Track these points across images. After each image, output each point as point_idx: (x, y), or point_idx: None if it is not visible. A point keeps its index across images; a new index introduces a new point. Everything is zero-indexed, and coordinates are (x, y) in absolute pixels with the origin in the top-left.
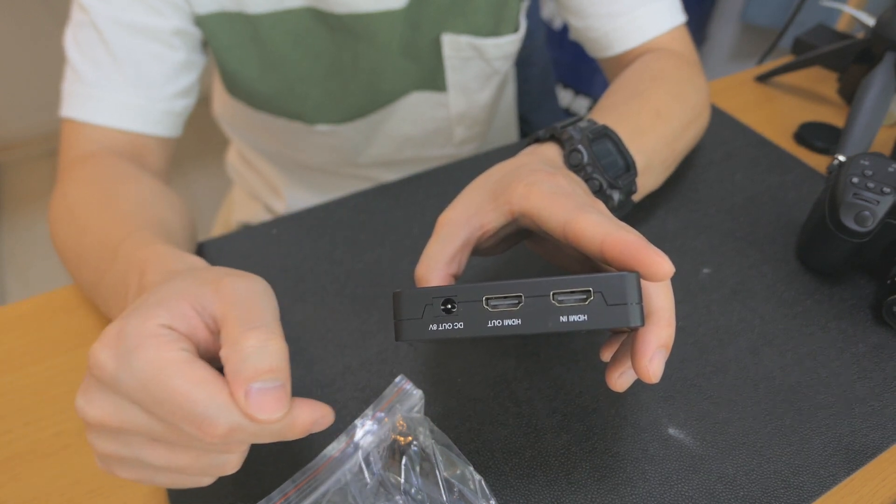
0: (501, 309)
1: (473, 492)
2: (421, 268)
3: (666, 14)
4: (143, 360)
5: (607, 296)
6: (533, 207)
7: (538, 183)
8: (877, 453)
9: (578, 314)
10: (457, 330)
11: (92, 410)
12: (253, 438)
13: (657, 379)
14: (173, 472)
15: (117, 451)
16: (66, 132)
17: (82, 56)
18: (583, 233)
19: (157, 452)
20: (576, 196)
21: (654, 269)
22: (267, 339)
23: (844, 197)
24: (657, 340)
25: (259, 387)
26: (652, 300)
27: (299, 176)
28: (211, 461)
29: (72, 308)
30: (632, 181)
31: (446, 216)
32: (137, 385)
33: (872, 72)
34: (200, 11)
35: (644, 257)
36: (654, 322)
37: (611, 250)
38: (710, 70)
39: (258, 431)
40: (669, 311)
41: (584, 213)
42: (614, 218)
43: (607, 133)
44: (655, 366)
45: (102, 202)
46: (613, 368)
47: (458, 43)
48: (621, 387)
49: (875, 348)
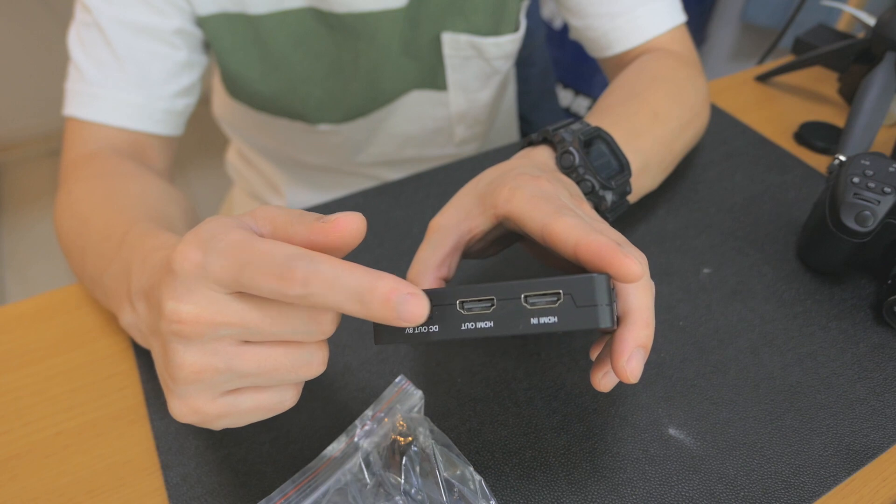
0: (475, 312)
1: (473, 492)
2: (412, 272)
3: (666, 14)
4: (226, 240)
5: (577, 298)
6: (514, 210)
7: (521, 187)
8: (877, 453)
9: (549, 316)
10: (432, 333)
11: (185, 306)
12: (330, 291)
13: (635, 379)
14: (262, 386)
15: (208, 362)
16: (69, 131)
17: (85, 55)
18: (558, 236)
19: (247, 355)
20: (556, 199)
21: (624, 270)
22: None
23: (845, 197)
24: (634, 340)
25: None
26: (629, 300)
27: (300, 175)
28: (298, 357)
29: (72, 308)
30: (625, 182)
31: (436, 221)
32: (225, 261)
33: (873, 72)
34: (202, 12)
35: (612, 259)
36: (631, 322)
37: (583, 253)
38: (710, 70)
39: (334, 277)
40: (647, 312)
41: (561, 216)
42: (591, 221)
43: (600, 134)
44: (633, 366)
45: (105, 197)
46: (597, 368)
47: (458, 42)
48: (605, 387)
49: (876, 348)
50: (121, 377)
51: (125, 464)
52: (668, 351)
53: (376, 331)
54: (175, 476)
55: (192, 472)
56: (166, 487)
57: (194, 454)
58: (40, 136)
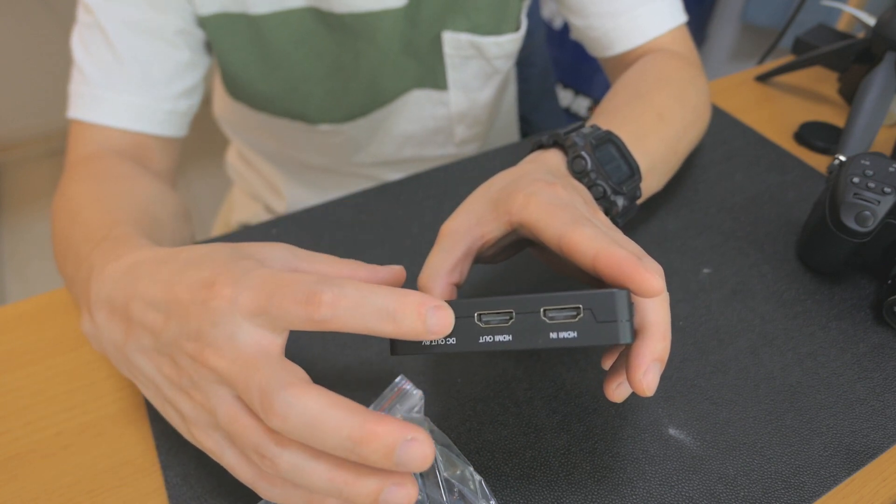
0: (493, 325)
1: (473, 492)
2: (423, 277)
3: (667, 13)
4: (255, 274)
5: (597, 313)
6: (530, 218)
7: (537, 193)
8: (877, 453)
9: (568, 331)
10: (449, 345)
11: (234, 343)
12: (359, 311)
13: (651, 392)
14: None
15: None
16: (72, 133)
17: (88, 57)
18: (577, 247)
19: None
20: (573, 207)
21: (645, 286)
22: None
23: (845, 197)
24: (651, 354)
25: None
26: (647, 314)
27: (300, 175)
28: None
29: (72, 308)
30: (636, 186)
31: (448, 226)
32: (255, 293)
33: (873, 72)
34: (203, 12)
35: (634, 274)
36: (648, 336)
37: (602, 266)
38: (710, 70)
39: (361, 297)
40: (664, 325)
41: (579, 226)
42: (609, 232)
43: (611, 138)
44: (650, 379)
45: (95, 198)
46: (611, 379)
47: (459, 41)
48: (619, 398)
49: (876, 348)
50: (121, 377)
51: (125, 464)
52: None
53: (393, 343)
54: (175, 476)
55: (192, 472)
56: (166, 487)
57: (194, 454)
58: (40, 136)
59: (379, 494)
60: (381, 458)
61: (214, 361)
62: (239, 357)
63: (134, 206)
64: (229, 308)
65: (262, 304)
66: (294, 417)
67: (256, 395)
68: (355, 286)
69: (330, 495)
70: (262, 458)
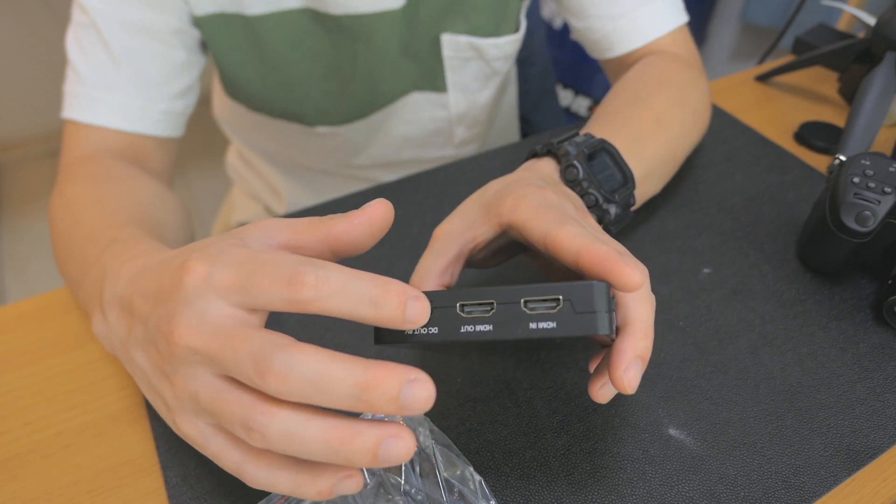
0: (474, 315)
1: (473, 492)
2: (415, 278)
3: (667, 14)
4: (232, 252)
5: (576, 304)
6: (518, 219)
7: (526, 196)
8: (878, 453)
9: (548, 321)
10: (431, 335)
11: (207, 319)
12: (341, 295)
13: (632, 390)
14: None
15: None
16: (67, 133)
17: (83, 57)
18: (561, 244)
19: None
20: (561, 209)
21: (624, 280)
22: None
23: (845, 197)
24: (633, 351)
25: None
26: (629, 311)
27: (299, 177)
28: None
29: (72, 308)
30: (629, 194)
31: (441, 229)
32: (234, 271)
33: (873, 71)
34: (199, 13)
35: (614, 268)
36: (629, 333)
37: (585, 262)
38: (710, 70)
39: (345, 281)
40: (647, 323)
41: (564, 225)
42: (593, 231)
43: (605, 147)
44: (630, 376)
45: (95, 200)
46: (595, 380)
47: (458, 43)
48: (603, 398)
49: (876, 348)
50: (120, 377)
51: (125, 464)
52: (668, 351)
53: (377, 331)
54: (175, 476)
55: (192, 472)
56: (166, 487)
57: (194, 454)
58: (40, 136)
59: (378, 448)
60: (387, 401)
61: (188, 339)
62: (219, 332)
63: (135, 207)
64: (204, 285)
65: (240, 282)
66: (296, 375)
67: (249, 361)
68: (339, 270)
69: (326, 458)
70: (249, 431)
